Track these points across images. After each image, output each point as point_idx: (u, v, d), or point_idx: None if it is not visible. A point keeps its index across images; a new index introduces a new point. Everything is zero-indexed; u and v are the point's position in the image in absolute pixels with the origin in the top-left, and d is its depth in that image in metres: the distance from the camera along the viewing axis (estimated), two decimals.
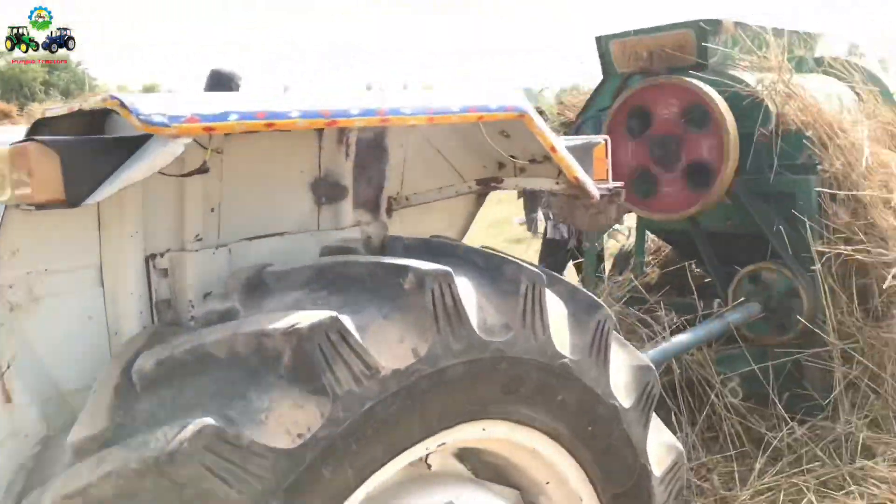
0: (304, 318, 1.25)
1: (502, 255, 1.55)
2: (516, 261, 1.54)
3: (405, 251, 1.55)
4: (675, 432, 3.70)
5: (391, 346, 1.31)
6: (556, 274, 1.68)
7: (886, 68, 5.66)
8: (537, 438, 1.58)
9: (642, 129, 4.19)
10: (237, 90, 5.48)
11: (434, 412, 1.38)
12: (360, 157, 1.81)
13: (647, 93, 4.13)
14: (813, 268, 3.78)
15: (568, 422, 1.60)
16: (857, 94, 4.80)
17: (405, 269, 1.37)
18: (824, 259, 3.82)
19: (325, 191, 1.79)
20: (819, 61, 5.07)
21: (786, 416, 3.67)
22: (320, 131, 1.74)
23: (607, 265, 5.34)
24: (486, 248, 1.65)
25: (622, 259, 5.35)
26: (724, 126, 3.84)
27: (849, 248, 3.84)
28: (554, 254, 6.08)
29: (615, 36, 4.57)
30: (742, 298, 3.94)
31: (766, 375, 3.86)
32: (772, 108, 4.03)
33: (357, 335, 1.27)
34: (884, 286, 3.75)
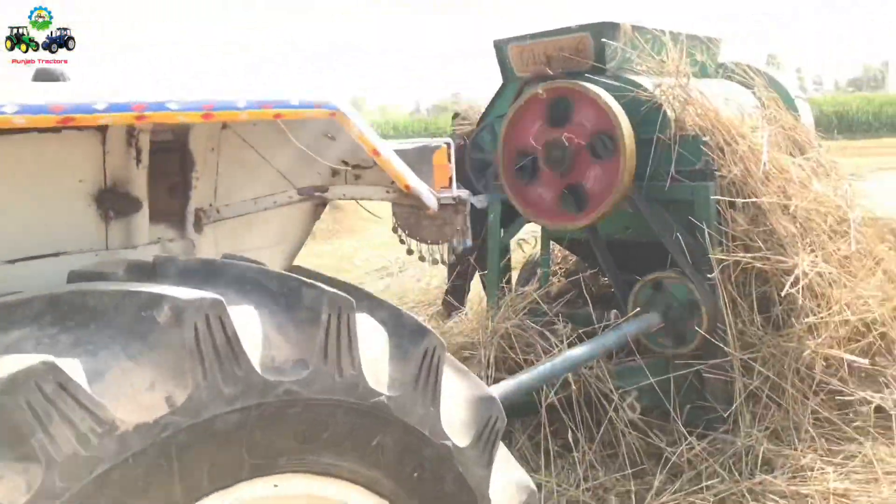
0: (9, 365, 1.00)
1: (303, 278, 1.32)
2: (320, 285, 1.31)
3: (178, 275, 1.30)
4: (571, 450, 3.55)
5: (137, 395, 1.07)
6: (377, 297, 1.46)
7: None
8: (349, 491, 1.36)
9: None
10: None
11: (200, 471, 1.15)
12: (158, 164, 1.56)
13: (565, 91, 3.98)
14: (711, 276, 3.68)
15: (388, 469, 1.38)
16: (759, 99, 4.76)
17: (160, 298, 1.13)
18: (722, 267, 3.73)
19: (113, 203, 1.53)
20: (722, 67, 5.02)
21: (684, 431, 3.54)
22: (104, 132, 1.49)
23: (516, 275, 5.18)
24: (298, 268, 1.42)
25: (528, 269, 5.20)
26: (624, 149, 3.72)
27: (748, 255, 3.75)
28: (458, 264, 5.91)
29: (513, 39, 4.42)
30: (640, 309, 3.82)
31: (668, 388, 3.75)
32: (670, 113, 3.93)
33: (85, 383, 1.03)
34: (783, 294, 3.67)
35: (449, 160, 1.78)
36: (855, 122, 35.30)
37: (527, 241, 5.02)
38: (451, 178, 1.78)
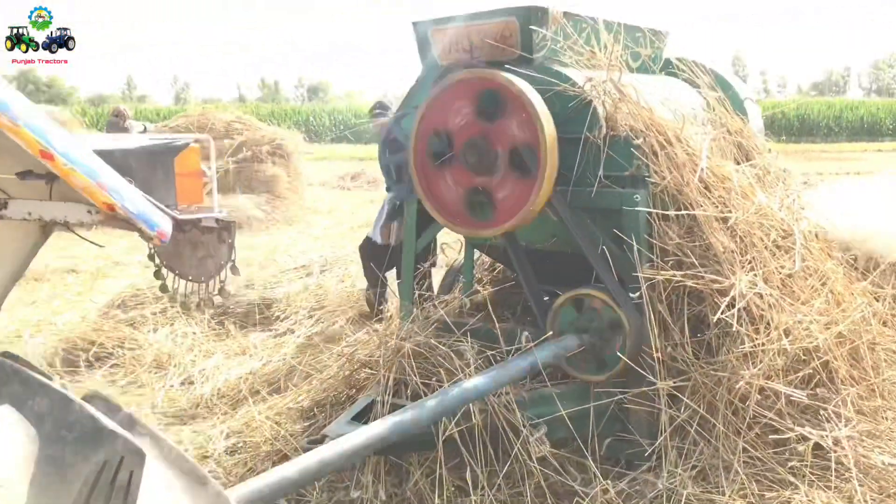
0: None
1: None
2: None
3: None
4: (470, 493, 3.14)
5: None
6: (39, 379, 0.99)
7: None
8: None
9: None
10: None
11: None
12: None
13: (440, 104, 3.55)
14: (636, 295, 3.28)
15: None
16: (705, 99, 4.38)
17: None
18: (652, 285, 3.33)
19: None
20: (667, 63, 4.63)
21: (597, 471, 3.15)
22: None
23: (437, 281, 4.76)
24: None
25: (451, 275, 4.77)
26: (545, 166, 3.29)
27: (679, 273, 3.36)
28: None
29: (435, 22, 3.97)
30: (561, 328, 3.42)
31: (587, 418, 3.36)
32: (600, 110, 3.52)
33: None
34: (716, 317, 3.29)
35: (204, 165, 1.32)
36: (816, 126, 35.56)
37: (450, 246, 4.59)
38: (201, 191, 1.33)
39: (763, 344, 3.32)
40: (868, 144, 31.80)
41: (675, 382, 3.33)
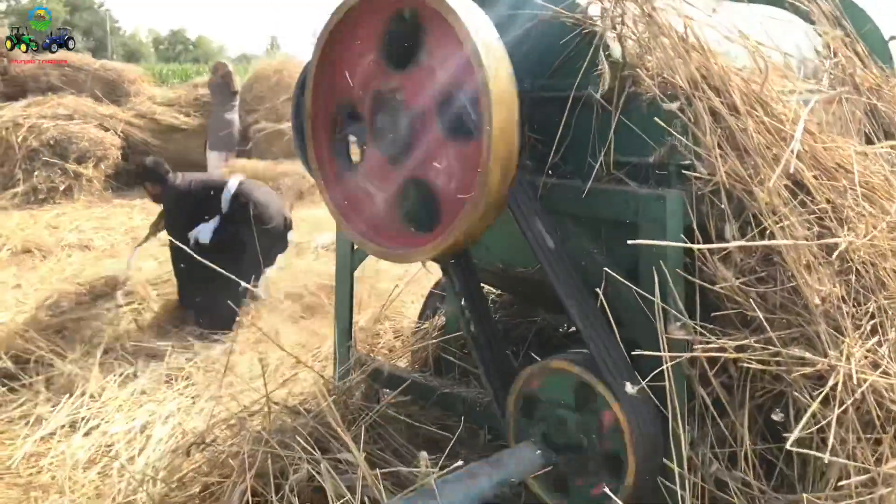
0: None
1: None
2: None
3: None
4: None
5: None
6: None
7: None
8: None
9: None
10: None
11: None
12: None
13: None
14: (628, 387, 1.83)
15: None
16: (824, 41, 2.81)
17: None
18: (680, 359, 1.89)
19: None
20: None
21: None
22: None
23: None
24: None
25: (432, 300, 3.41)
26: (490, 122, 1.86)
27: (732, 341, 1.90)
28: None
29: None
30: (517, 430, 2.03)
31: None
32: (615, 49, 2.07)
33: None
34: (796, 431, 1.80)
35: None
36: None
37: None
38: None
39: (883, 480, 1.82)
40: None
41: None
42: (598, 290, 1.92)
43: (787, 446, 1.73)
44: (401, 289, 3.40)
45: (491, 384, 2.09)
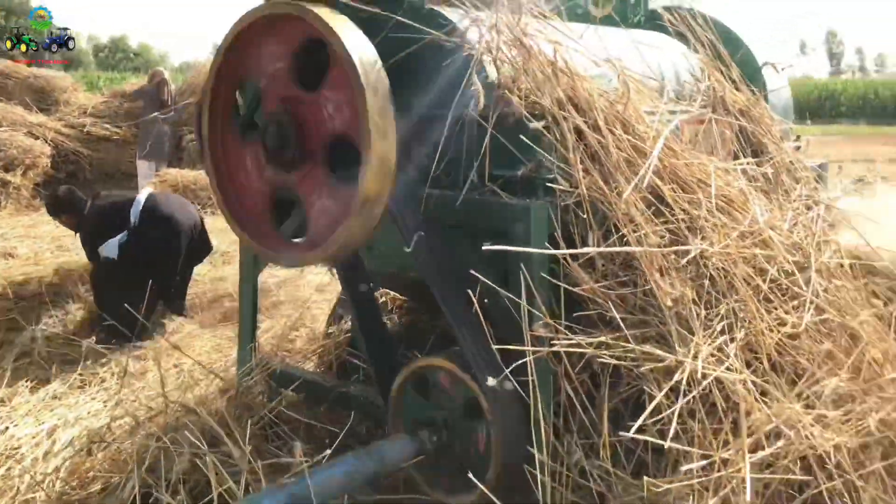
0: None
1: None
2: None
3: None
4: None
5: None
6: None
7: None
8: None
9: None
10: None
11: None
12: None
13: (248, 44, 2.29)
14: (490, 380, 2.00)
15: None
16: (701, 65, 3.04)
17: None
18: (542, 355, 2.07)
19: None
20: (652, 14, 3.29)
21: None
22: None
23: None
24: None
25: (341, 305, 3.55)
26: (362, 93, 2.01)
27: (587, 339, 2.08)
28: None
29: None
30: (395, 423, 2.18)
31: None
32: (491, 72, 2.25)
33: None
34: (640, 419, 1.99)
35: None
36: None
37: None
38: None
39: (722, 464, 2.01)
40: None
41: None
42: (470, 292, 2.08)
43: (630, 434, 1.91)
44: (313, 297, 3.52)
45: (377, 380, 2.24)
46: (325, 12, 2.05)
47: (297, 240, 2.25)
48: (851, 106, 34.48)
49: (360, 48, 2.01)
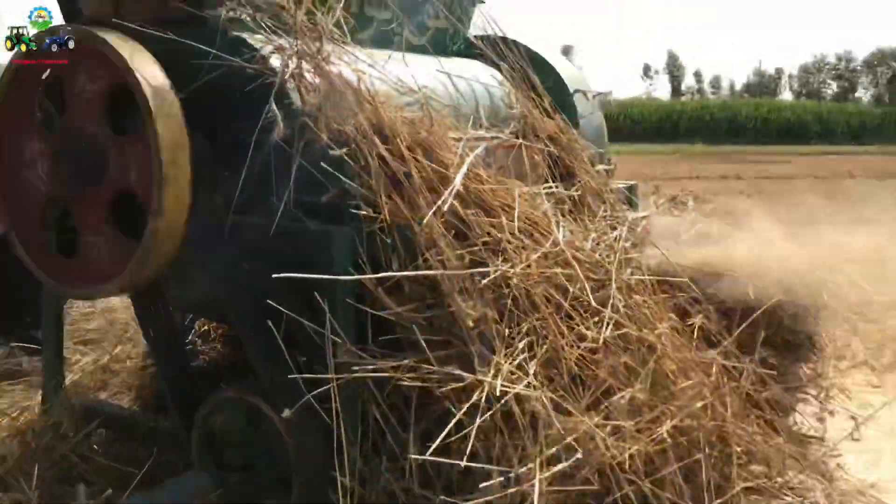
0: None
1: None
2: None
3: None
4: None
5: None
6: None
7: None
8: None
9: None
10: None
11: None
12: None
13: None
14: (286, 412, 1.99)
15: None
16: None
17: None
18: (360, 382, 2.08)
19: None
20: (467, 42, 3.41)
21: None
22: None
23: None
24: None
25: None
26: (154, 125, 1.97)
27: (391, 363, 2.12)
28: None
29: None
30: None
31: None
32: (294, 99, 2.26)
33: None
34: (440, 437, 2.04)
35: None
36: (743, 129, 35.31)
37: None
38: None
39: (518, 479, 2.09)
40: (794, 147, 31.36)
41: None
42: (269, 321, 2.07)
43: (427, 456, 1.96)
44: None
45: (178, 413, 2.17)
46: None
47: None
48: (690, 126, 37.01)
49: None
